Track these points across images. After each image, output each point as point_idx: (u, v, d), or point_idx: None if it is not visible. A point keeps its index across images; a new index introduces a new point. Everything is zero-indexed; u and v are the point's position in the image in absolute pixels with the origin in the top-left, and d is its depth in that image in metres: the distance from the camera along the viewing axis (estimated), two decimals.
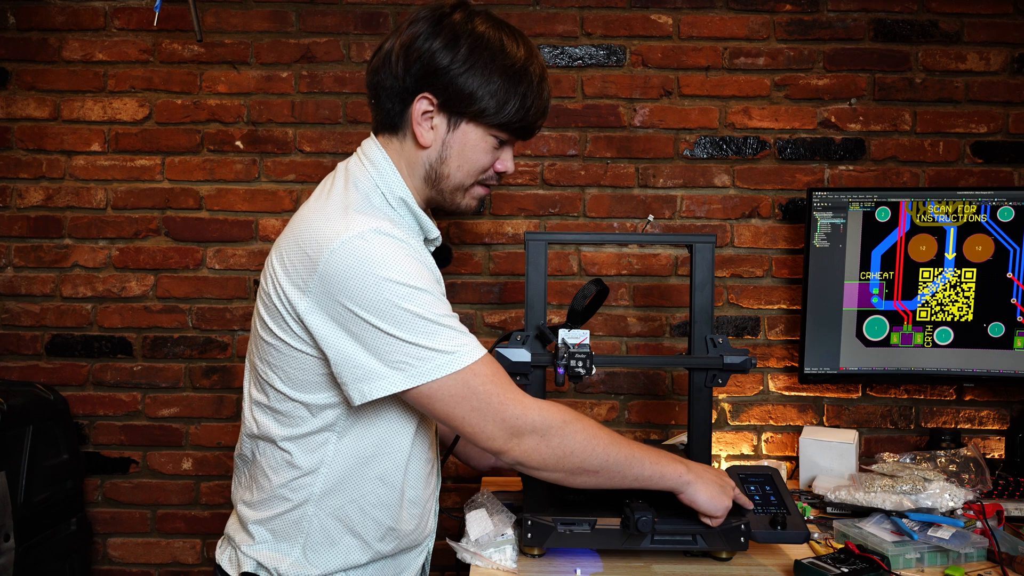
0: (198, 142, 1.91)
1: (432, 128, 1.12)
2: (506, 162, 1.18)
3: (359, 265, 1.00)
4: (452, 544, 1.38)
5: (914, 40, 1.89)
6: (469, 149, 1.13)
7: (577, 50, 1.90)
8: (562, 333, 1.38)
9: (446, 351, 1.04)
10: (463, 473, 1.94)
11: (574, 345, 1.35)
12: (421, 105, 1.10)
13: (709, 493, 1.22)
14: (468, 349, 1.06)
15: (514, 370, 1.44)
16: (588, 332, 1.38)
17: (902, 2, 1.89)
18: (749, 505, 1.32)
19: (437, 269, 1.17)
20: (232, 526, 1.22)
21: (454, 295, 1.92)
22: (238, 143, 1.91)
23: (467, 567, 1.34)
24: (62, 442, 1.79)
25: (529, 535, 1.30)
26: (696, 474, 1.23)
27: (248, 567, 1.15)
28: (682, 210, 1.92)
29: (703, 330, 1.50)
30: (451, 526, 1.91)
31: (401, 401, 1.12)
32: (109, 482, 1.94)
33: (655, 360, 1.94)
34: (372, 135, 1.18)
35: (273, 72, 1.90)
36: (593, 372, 1.35)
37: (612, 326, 1.94)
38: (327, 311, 1.03)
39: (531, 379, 1.46)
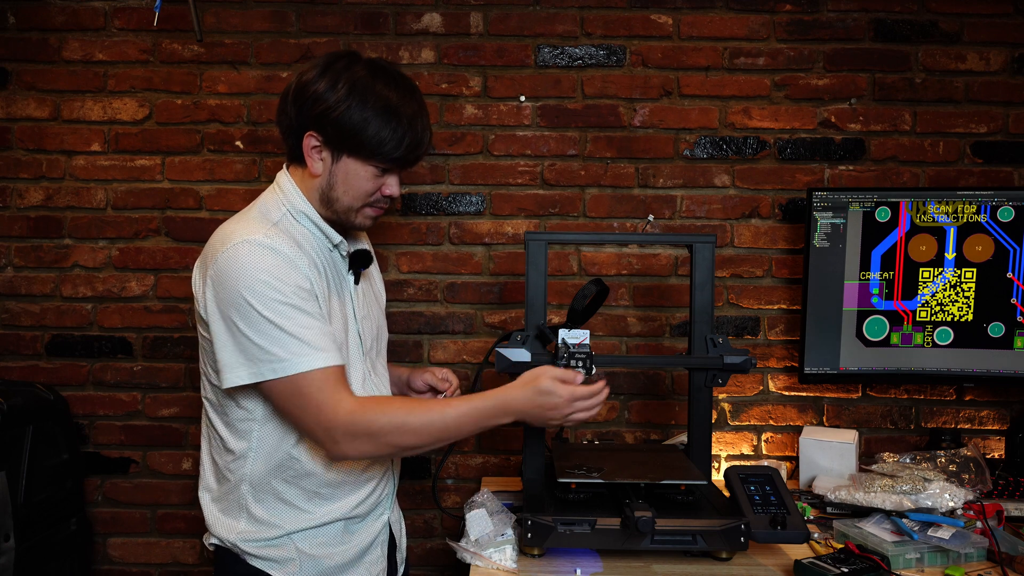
0: (198, 142, 1.91)
1: (321, 160, 1.27)
2: (391, 187, 1.31)
3: (231, 269, 1.16)
4: (452, 544, 1.38)
5: (914, 40, 1.89)
6: (352, 177, 1.27)
7: (577, 50, 1.90)
8: (562, 333, 1.38)
9: (281, 357, 1.15)
10: (463, 474, 1.94)
11: (574, 345, 1.35)
12: (310, 141, 1.26)
13: (536, 423, 1.28)
14: (300, 359, 1.16)
15: (514, 370, 1.44)
16: (588, 332, 1.38)
17: (902, 2, 1.89)
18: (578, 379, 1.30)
19: (321, 274, 1.27)
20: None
21: (454, 295, 1.92)
22: (238, 143, 1.91)
23: (467, 567, 1.34)
24: (62, 442, 1.79)
25: (529, 535, 1.30)
26: (519, 412, 1.26)
27: None
28: (682, 210, 1.92)
29: (703, 330, 1.50)
30: (451, 526, 1.91)
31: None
32: (109, 482, 1.94)
33: (655, 360, 1.93)
34: (284, 167, 1.33)
35: (273, 72, 1.90)
36: (593, 372, 1.35)
37: (612, 326, 1.94)
38: (218, 304, 1.18)
39: None
